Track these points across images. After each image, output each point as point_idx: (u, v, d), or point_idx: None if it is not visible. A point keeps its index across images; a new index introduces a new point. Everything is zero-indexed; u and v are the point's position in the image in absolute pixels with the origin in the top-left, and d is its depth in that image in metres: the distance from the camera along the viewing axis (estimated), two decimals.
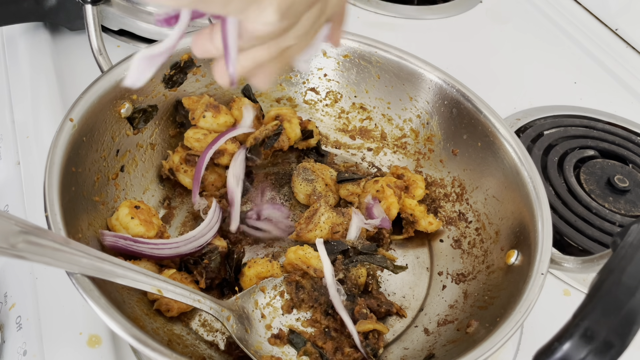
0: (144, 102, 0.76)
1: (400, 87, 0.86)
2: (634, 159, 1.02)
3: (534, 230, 0.65)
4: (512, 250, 0.68)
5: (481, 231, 0.76)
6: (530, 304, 0.57)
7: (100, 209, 0.69)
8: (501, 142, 0.75)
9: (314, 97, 0.90)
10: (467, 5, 1.33)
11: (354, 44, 0.86)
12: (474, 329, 0.63)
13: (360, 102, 0.90)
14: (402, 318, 0.71)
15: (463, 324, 0.66)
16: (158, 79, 0.77)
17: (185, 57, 0.78)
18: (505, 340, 0.54)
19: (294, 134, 0.85)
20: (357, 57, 0.86)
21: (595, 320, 0.41)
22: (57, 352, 0.60)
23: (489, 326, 0.60)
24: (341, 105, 0.91)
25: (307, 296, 0.69)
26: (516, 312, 0.56)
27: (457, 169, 0.82)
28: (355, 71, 0.88)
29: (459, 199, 0.81)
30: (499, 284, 0.67)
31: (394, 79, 0.86)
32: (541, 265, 0.60)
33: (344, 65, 0.88)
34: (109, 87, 0.70)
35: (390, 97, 0.87)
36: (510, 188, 0.73)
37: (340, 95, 0.90)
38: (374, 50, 0.85)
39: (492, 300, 0.65)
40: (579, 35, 1.31)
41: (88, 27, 0.71)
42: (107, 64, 0.73)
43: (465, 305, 0.69)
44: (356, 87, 0.89)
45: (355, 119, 0.91)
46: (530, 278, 0.60)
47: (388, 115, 0.88)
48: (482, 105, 0.78)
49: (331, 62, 0.88)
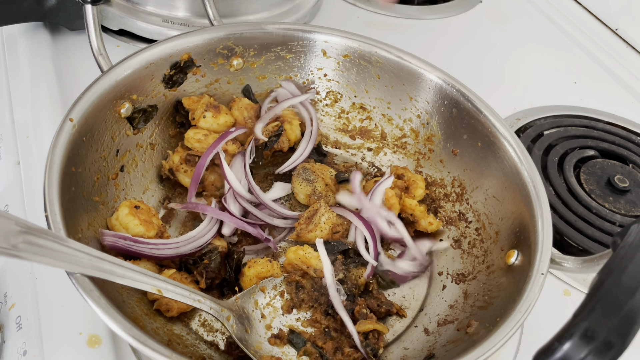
0: (143, 102, 0.76)
1: (400, 87, 0.86)
2: (634, 159, 1.02)
3: (534, 230, 0.65)
4: (512, 250, 0.68)
5: (481, 231, 0.76)
6: (530, 304, 0.57)
7: (100, 209, 0.69)
8: (501, 142, 0.75)
9: (314, 97, 0.90)
10: (467, 5, 1.33)
11: (354, 43, 0.86)
12: (474, 329, 0.63)
13: (360, 102, 0.89)
14: (402, 318, 0.71)
15: (463, 324, 0.66)
16: (158, 79, 0.77)
17: (185, 57, 0.78)
18: (505, 341, 0.54)
19: (294, 135, 0.85)
20: (357, 57, 0.86)
21: (595, 320, 0.41)
22: (57, 352, 0.60)
23: (489, 326, 0.60)
24: (341, 105, 0.91)
25: (307, 296, 0.69)
26: (516, 312, 0.56)
27: (457, 169, 0.82)
28: (355, 71, 0.88)
29: (459, 199, 0.81)
30: (499, 284, 0.67)
31: (394, 79, 0.86)
32: (541, 265, 0.60)
33: (344, 65, 0.88)
34: (109, 87, 0.69)
35: (390, 97, 0.87)
36: (510, 188, 0.73)
37: (340, 95, 0.90)
38: (374, 50, 0.85)
39: (492, 300, 0.65)
40: (579, 35, 1.31)
41: (88, 27, 0.71)
42: (107, 64, 0.73)
43: (465, 305, 0.69)
44: (356, 87, 0.89)
45: (355, 119, 0.91)
46: (530, 278, 0.60)
47: (388, 115, 0.88)
48: (482, 105, 0.78)
49: (331, 62, 0.87)
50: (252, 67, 0.86)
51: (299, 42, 0.86)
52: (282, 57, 0.87)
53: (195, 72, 0.81)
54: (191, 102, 0.81)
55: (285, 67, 0.88)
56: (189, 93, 0.82)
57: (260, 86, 0.88)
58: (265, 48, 0.85)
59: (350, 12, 1.23)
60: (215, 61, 0.82)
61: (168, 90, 0.79)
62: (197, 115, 0.80)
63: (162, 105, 0.79)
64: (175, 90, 0.80)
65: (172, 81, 0.79)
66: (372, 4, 1.26)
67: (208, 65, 0.82)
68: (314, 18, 1.16)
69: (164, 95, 0.79)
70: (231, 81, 0.86)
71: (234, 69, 0.84)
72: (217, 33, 0.81)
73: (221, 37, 0.81)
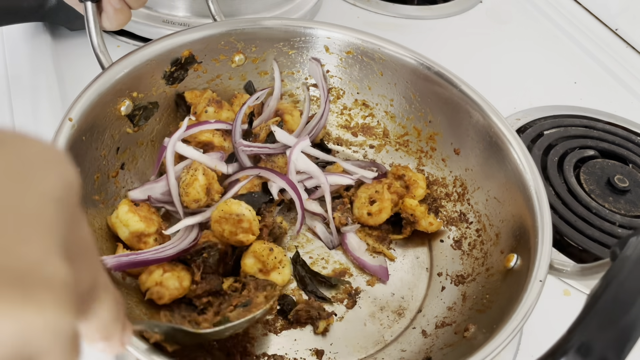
0: (144, 99, 0.76)
1: (403, 85, 0.85)
2: (634, 159, 1.01)
3: (534, 235, 0.65)
4: (511, 254, 0.67)
5: (482, 232, 0.76)
6: (528, 311, 0.57)
7: (100, 208, 0.69)
8: (504, 143, 0.75)
9: (316, 93, 0.90)
10: (467, 5, 1.32)
11: (357, 40, 0.85)
12: (471, 333, 0.63)
13: (363, 99, 0.89)
14: (400, 319, 0.72)
15: (461, 327, 0.66)
16: (159, 76, 0.77)
17: (186, 54, 0.78)
18: (502, 348, 0.54)
19: (296, 126, 0.84)
20: (359, 53, 0.85)
21: (590, 335, 0.41)
22: None
23: (486, 332, 0.60)
24: (343, 102, 0.90)
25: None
26: (513, 319, 0.56)
27: (459, 169, 0.82)
28: (358, 68, 0.87)
29: (460, 199, 0.81)
30: (498, 287, 0.67)
31: (397, 76, 0.85)
32: (539, 272, 0.60)
33: (346, 61, 0.87)
34: (109, 85, 0.69)
35: (393, 94, 0.87)
36: (511, 190, 0.73)
37: (342, 92, 0.89)
38: (377, 47, 0.84)
39: (491, 304, 0.65)
40: (579, 35, 1.29)
41: (88, 24, 0.70)
42: (108, 61, 0.72)
43: (463, 308, 0.69)
44: (359, 84, 0.88)
45: (358, 115, 0.90)
46: (529, 284, 0.59)
47: (391, 112, 0.88)
48: (486, 105, 0.77)
49: (334, 58, 0.87)
50: (254, 63, 0.85)
51: (301, 38, 0.85)
52: (284, 52, 0.86)
53: (196, 69, 0.81)
54: (193, 97, 0.81)
55: (288, 63, 0.87)
56: (190, 89, 0.82)
57: (262, 82, 0.87)
58: (267, 44, 0.84)
59: (350, 12, 1.22)
60: (216, 57, 0.82)
61: (169, 86, 0.79)
62: (199, 109, 0.80)
63: (163, 102, 0.79)
64: (176, 86, 0.80)
65: (173, 78, 0.79)
66: (372, 4, 1.24)
67: (209, 62, 0.82)
68: (314, 18, 1.15)
69: (165, 91, 0.79)
70: (232, 77, 0.85)
71: (236, 64, 0.84)
72: (219, 29, 0.81)
73: (223, 33, 0.81)
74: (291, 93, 0.90)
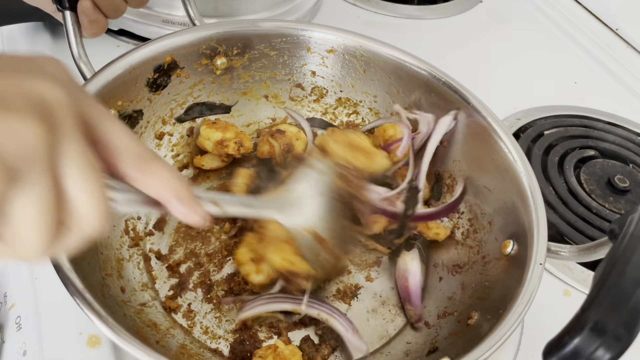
0: (129, 107, 0.74)
1: (387, 80, 0.85)
2: (634, 159, 1.03)
3: (528, 220, 0.66)
4: (507, 241, 0.68)
5: (474, 222, 0.77)
6: (531, 295, 0.58)
7: None
8: (487, 131, 0.75)
9: (300, 93, 0.90)
10: (467, 5, 1.34)
11: (338, 38, 0.85)
12: (475, 320, 0.64)
13: (347, 97, 0.89)
14: (402, 312, 0.72)
15: (464, 315, 0.66)
16: (142, 83, 0.75)
17: (169, 60, 0.77)
18: (509, 334, 0.55)
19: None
20: (341, 51, 0.86)
21: (604, 313, 0.42)
22: (57, 352, 0.60)
23: (490, 318, 0.60)
24: (327, 101, 0.90)
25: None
26: (518, 303, 0.57)
27: (447, 161, 0.83)
28: (340, 66, 0.87)
29: (449, 191, 0.82)
30: (497, 274, 0.68)
31: (380, 72, 0.85)
32: (539, 256, 0.61)
33: (328, 60, 0.87)
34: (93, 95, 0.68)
35: (376, 91, 0.87)
36: (500, 177, 0.74)
37: (325, 91, 0.89)
38: (357, 44, 0.85)
39: (491, 291, 0.66)
40: (579, 35, 1.32)
41: (68, 34, 0.69)
42: (90, 70, 0.71)
43: (463, 297, 0.70)
44: (342, 82, 0.88)
45: (342, 113, 0.90)
46: (529, 268, 0.60)
47: (375, 109, 0.88)
48: (471, 96, 0.78)
49: (315, 57, 0.87)
50: (236, 66, 0.85)
51: (282, 39, 0.85)
52: (265, 54, 0.85)
53: (179, 74, 0.80)
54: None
55: (270, 65, 0.87)
56: (174, 95, 0.80)
57: (245, 85, 0.87)
58: (249, 46, 0.84)
59: (350, 12, 1.22)
60: (198, 62, 0.81)
61: (152, 94, 0.77)
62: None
63: (147, 110, 0.78)
64: (159, 93, 0.78)
65: (157, 84, 0.77)
66: (372, 4, 1.25)
67: (191, 67, 0.81)
68: (314, 18, 1.15)
69: (149, 99, 0.77)
70: (215, 81, 0.84)
71: (218, 69, 0.83)
72: (200, 33, 0.80)
73: (204, 37, 0.80)
74: (275, 94, 0.89)
